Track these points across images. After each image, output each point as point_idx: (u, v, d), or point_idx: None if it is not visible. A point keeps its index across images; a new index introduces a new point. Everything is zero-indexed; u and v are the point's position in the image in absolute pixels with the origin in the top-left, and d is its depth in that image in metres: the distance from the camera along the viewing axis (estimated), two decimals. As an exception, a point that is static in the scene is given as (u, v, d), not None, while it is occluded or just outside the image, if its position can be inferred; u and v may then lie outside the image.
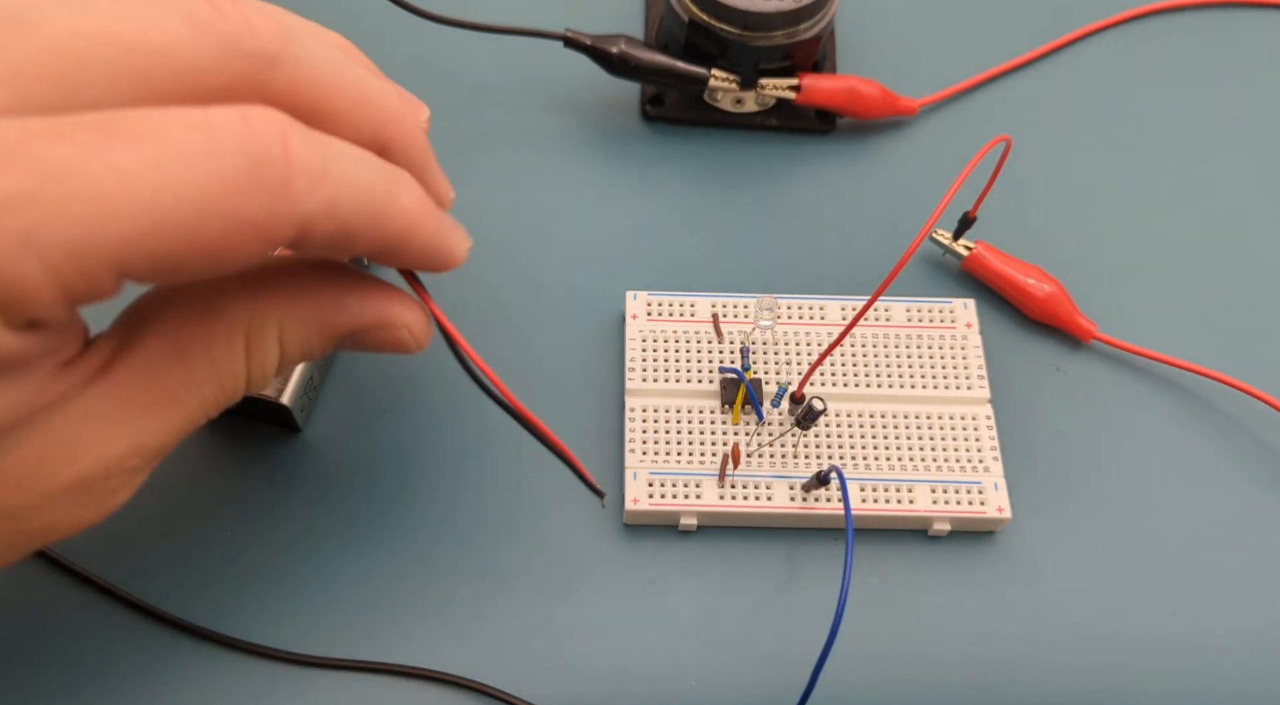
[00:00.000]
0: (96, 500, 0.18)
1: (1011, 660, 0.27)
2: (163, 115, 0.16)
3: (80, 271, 0.15)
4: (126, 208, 0.15)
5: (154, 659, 0.25)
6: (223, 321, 0.19)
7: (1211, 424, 0.30)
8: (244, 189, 0.16)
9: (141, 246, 0.15)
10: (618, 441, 0.28)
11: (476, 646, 0.26)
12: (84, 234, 0.15)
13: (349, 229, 0.18)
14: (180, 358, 0.18)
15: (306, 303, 0.20)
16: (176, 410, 0.18)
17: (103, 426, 0.18)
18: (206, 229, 0.16)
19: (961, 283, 0.32)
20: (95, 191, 0.15)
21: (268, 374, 0.20)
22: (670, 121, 0.34)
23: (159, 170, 0.15)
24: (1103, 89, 0.35)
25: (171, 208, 0.15)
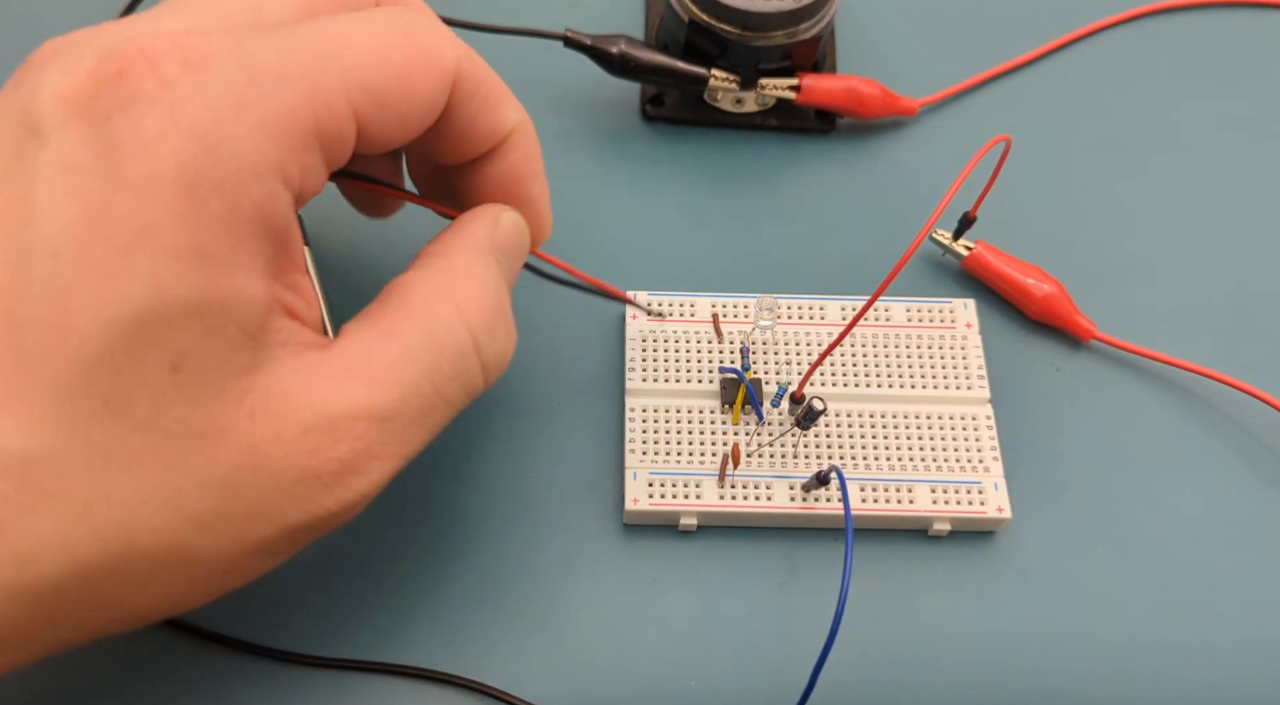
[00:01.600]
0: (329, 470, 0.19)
1: (1011, 660, 0.27)
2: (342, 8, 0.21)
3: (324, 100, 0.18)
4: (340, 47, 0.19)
5: (154, 659, 0.25)
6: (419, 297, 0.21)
7: (1211, 424, 0.30)
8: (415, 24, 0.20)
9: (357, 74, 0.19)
10: (618, 441, 0.28)
11: (476, 646, 0.26)
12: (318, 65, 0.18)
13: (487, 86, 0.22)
14: (389, 335, 0.20)
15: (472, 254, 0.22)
16: (393, 377, 0.19)
17: (324, 384, 0.19)
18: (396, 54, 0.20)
19: (961, 283, 0.32)
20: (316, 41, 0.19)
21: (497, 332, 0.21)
22: (670, 121, 0.34)
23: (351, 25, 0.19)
24: (1103, 89, 0.35)
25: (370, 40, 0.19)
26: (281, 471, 0.18)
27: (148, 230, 0.17)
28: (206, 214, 0.17)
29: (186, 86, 0.17)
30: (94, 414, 0.17)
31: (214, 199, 0.17)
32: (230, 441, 0.18)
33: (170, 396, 0.17)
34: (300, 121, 0.18)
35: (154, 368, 0.17)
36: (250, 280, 0.18)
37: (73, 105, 0.17)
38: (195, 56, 0.18)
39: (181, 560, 0.18)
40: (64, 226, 0.17)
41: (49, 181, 0.17)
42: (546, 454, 0.28)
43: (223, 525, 0.18)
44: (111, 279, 0.17)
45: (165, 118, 0.17)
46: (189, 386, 0.17)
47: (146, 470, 0.17)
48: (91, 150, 0.17)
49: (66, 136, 0.17)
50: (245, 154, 0.18)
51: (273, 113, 0.18)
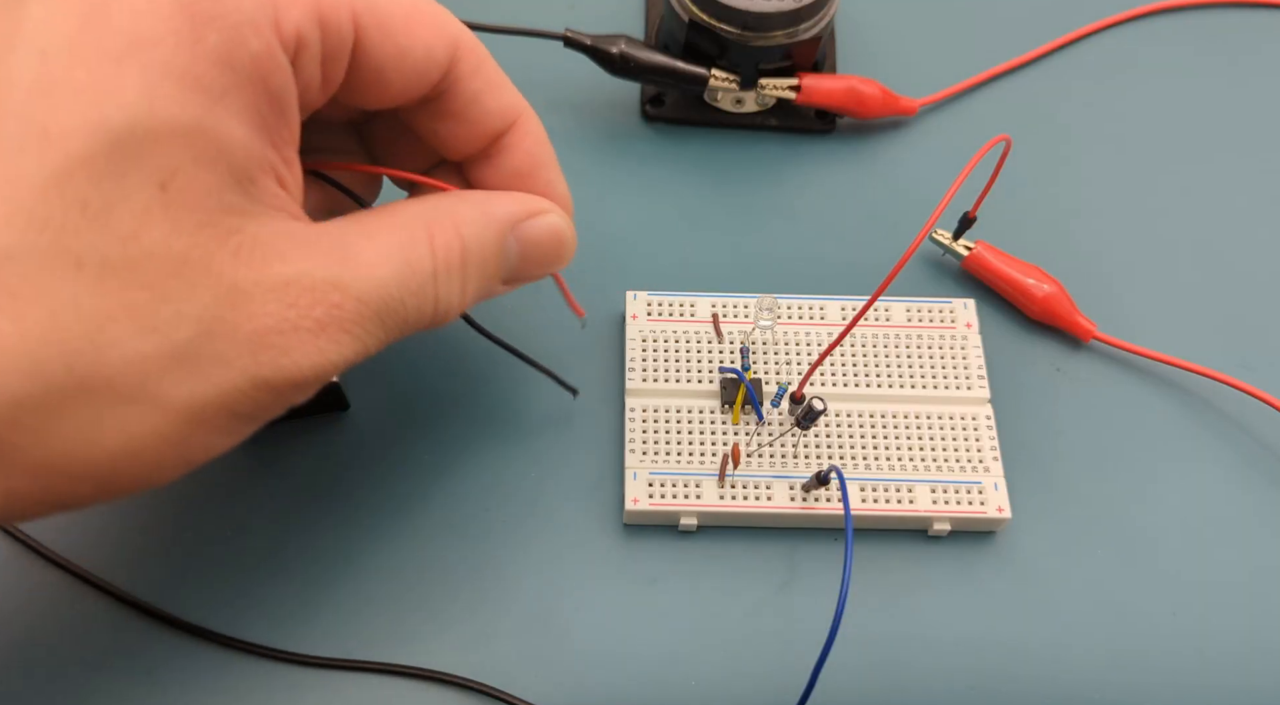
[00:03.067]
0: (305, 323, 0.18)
1: (1011, 660, 0.27)
2: None
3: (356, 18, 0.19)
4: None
5: (154, 658, 0.25)
6: (401, 215, 0.21)
7: (1211, 424, 0.30)
8: (437, 7, 0.21)
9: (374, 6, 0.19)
10: (618, 441, 0.28)
11: (476, 646, 0.26)
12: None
13: (482, 57, 0.22)
14: (369, 238, 0.20)
15: (469, 200, 0.22)
16: (368, 272, 0.19)
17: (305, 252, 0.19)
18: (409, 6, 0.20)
19: (961, 283, 0.32)
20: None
21: (454, 266, 0.21)
22: (670, 121, 0.34)
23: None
24: (1103, 89, 0.35)
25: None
26: (260, 315, 0.18)
27: (143, 43, 0.17)
28: (204, 44, 0.17)
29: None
30: (68, 216, 0.16)
31: (211, 33, 0.17)
32: (212, 275, 0.17)
33: (155, 214, 0.17)
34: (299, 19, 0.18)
35: (139, 180, 0.17)
36: (243, 128, 0.18)
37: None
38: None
39: (147, 397, 0.17)
40: (54, 28, 0.16)
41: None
42: (546, 454, 0.28)
43: (193, 364, 0.17)
44: (101, 82, 0.16)
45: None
46: (176, 207, 0.17)
47: (120, 285, 0.17)
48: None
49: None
50: (246, 4, 0.18)
51: None
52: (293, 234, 0.19)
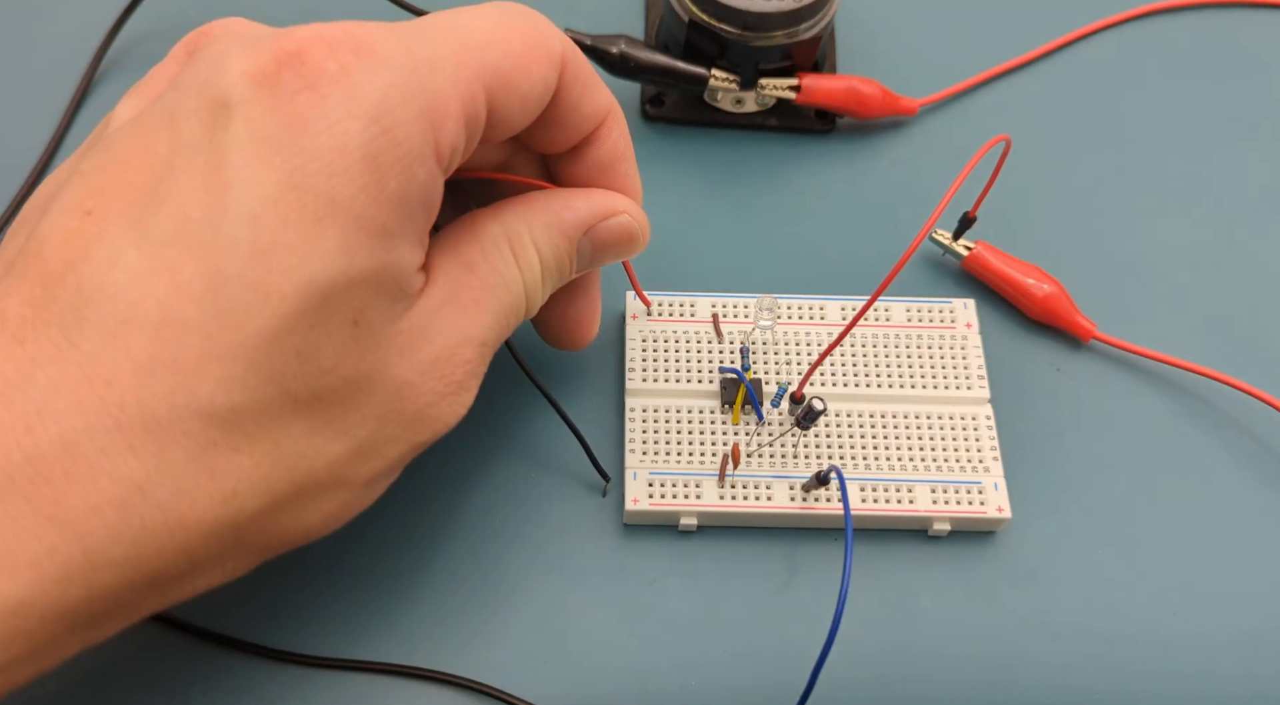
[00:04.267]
0: (447, 390, 0.22)
1: (1011, 660, 0.27)
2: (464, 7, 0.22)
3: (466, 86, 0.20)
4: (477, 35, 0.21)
5: (154, 659, 0.25)
6: (487, 236, 0.23)
7: (1211, 424, 0.30)
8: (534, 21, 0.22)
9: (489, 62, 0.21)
10: (618, 441, 0.28)
11: (476, 646, 0.26)
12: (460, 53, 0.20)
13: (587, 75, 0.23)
14: (470, 269, 0.22)
15: (542, 210, 0.24)
16: (483, 308, 0.22)
17: (441, 319, 0.21)
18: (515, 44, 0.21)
19: (961, 283, 0.32)
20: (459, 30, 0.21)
21: (536, 278, 0.23)
22: (670, 121, 0.34)
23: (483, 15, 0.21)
24: (1103, 89, 0.35)
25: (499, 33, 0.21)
26: (421, 396, 0.21)
27: (339, 203, 0.19)
28: (386, 192, 0.19)
29: (361, 72, 0.19)
30: (287, 365, 0.19)
31: (392, 178, 0.19)
32: (387, 378, 0.20)
33: (349, 347, 0.20)
34: (452, 106, 0.20)
35: (339, 323, 0.19)
36: (411, 250, 0.20)
37: (259, 82, 0.19)
38: (364, 44, 0.19)
39: (343, 483, 0.21)
40: (261, 193, 0.18)
41: (243, 152, 0.18)
42: (547, 454, 0.28)
43: (375, 449, 0.21)
44: (308, 244, 0.18)
45: (347, 99, 0.19)
46: (364, 337, 0.20)
47: (324, 410, 0.20)
48: (281, 124, 0.18)
49: (255, 110, 0.18)
50: (413, 137, 0.19)
51: (431, 98, 0.20)
52: (431, 308, 0.21)
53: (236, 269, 0.18)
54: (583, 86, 0.23)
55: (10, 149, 0.32)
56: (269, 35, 0.20)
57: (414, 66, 0.19)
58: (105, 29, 0.33)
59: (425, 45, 0.20)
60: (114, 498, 0.18)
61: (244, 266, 0.18)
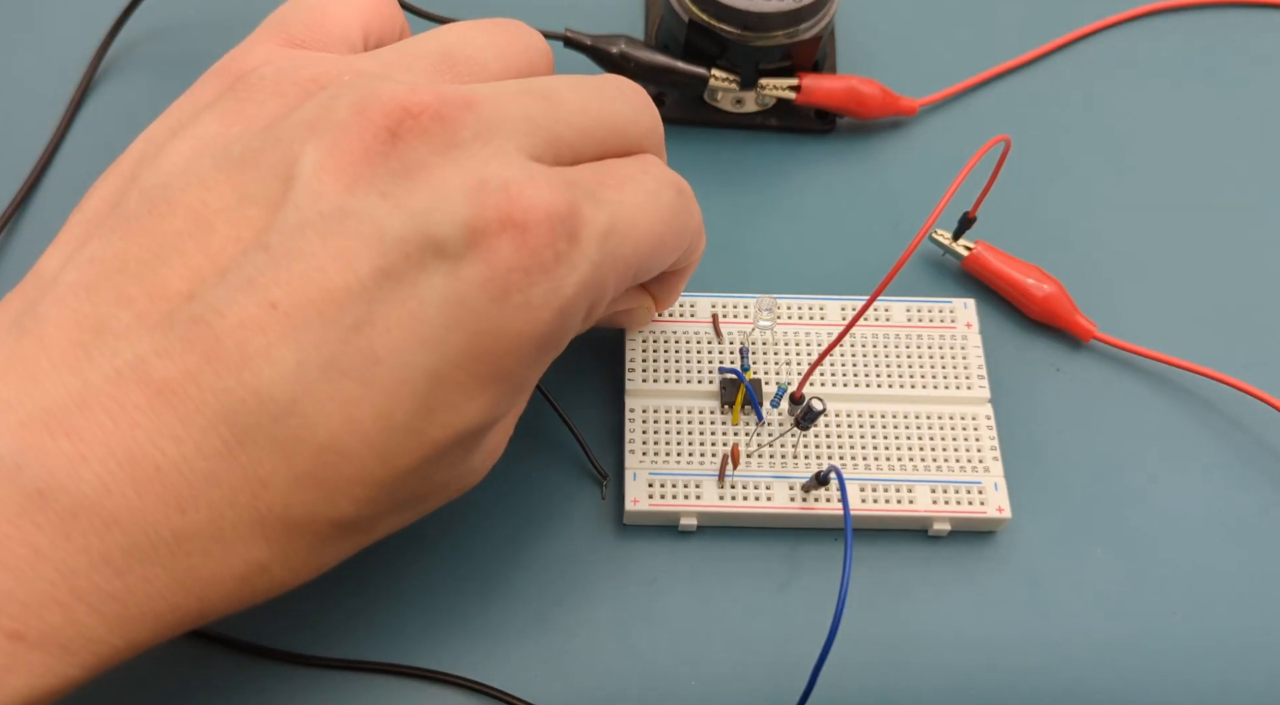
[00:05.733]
0: (492, 459, 0.23)
1: (1011, 660, 0.27)
2: (625, 163, 0.22)
3: (623, 281, 0.22)
4: (647, 233, 0.22)
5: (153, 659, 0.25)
6: None
7: (1211, 424, 0.30)
8: (683, 210, 0.23)
9: (646, 260, 0.22)
10: (618, 442, 0.28)
11: (476, 646, 0.26)
12: (633, 254, 0.21)
13: (697, 243, 0.25)
14: None
15: None
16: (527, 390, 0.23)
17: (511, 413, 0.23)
18: (669, 241, 0.23)
19: (961, 283, 0.32)
20: (637, 224, 0.21)
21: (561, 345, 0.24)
22: (670, 121, 0.34)
23: (654, 204, 0.22)
24: (1103, 89, 0.35)
25: (662, 229, 0.22)
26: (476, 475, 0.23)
27: (504, 375, 0.20)
28: (540, 364, 0.21)
29: (567, 264, 0.20)
30: (415, 487, 0.21)
31: (548, 355, 0.21)
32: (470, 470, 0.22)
33: (461, 463, 0.21)
34: (609, 297, 0.21)
35: (462, 453, 0.21)
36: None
37: (479, 244, 0.19)
38: (576, 231, 0.20)
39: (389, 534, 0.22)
40: (448, 356, 0.19)
41: (445, 310, 0.19)
42: (547, 454, 0.28)
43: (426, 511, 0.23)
44: (468, 404, 0.20)
45: (551, 294, 0.19)
46: (473, 453, 0.22)
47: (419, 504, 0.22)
48: (487, 294, 0.19)
49: (469, 272, 0.19)
50: (578, 320, 0.21)
51: (599, 293, 0.21)
52: None
53: (405, 420, 0.19)
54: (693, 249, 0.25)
55: (10, 149, 0.32)
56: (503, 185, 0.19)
57: (602, 263, 0.20)
58: (105, 29, 0.33)
59: (615, 241, 0.21)
60: (239, 573, 0.19)
61: (412, 419, 0.19)
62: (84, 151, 0.32)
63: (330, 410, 0.19)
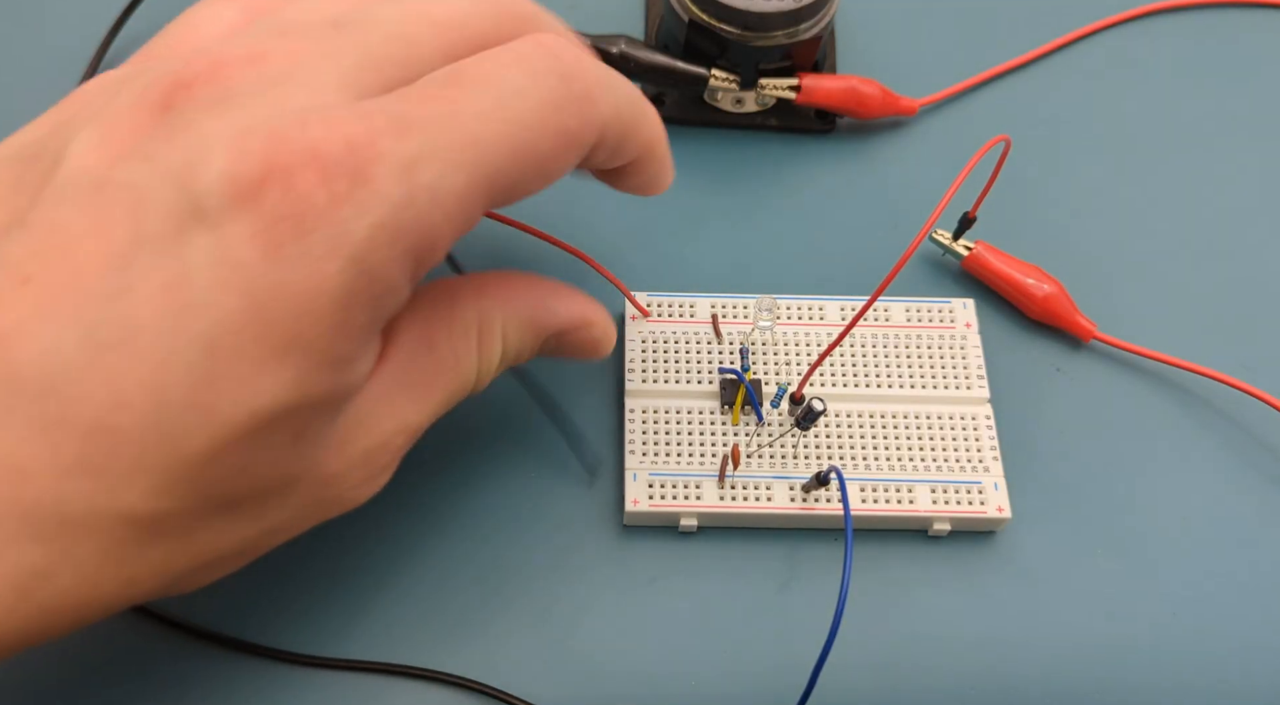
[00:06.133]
0: (371, 476, 0.21)
1: (1011, 660, 0.27)
2: (481, 59, 0.19)
3: (464, 214, 0.19)
4: (491, 144, 0.19)
5: (153, 659, 0.25)
6: (460, 319, 0.22)
7: (1211, 424, 0.30)
8: (564, 105, 0.20)
9: (501, 176, 0.19)
10: (618, 442, 0.28)
11: (476, 646, 0.26)
12: (468, 177, 0.18)
13: (626, 131, 0.21)
14: (430, 349, 0.21)
15: (522, 305, 0.23)
16: (430, 394, 0.21)
17: (383, 406, 0.21)
18: (542, 146, 0.19)
19: (961, 283, 0.32)
20: (469, 136, 0.18)
21: (492, 367, 0.23)
22: (670, 121, 0.34)
23: (503, 105, 0.19)
24: (1103, 89, 0.35)
25: (520, 135, 0.19)
26: (344, 484, 0.21)
27: (301, 339, 0.18)
28: (353, 326, 0.18)
29: (351, 207, 0.17)
30: (221, 479, 0.18)
31: (362, 313, 0.18)
32: (316, 474, 0.20)
33: (286, 456, 0.19)
34: (444, 237, 0.19)
35: (281, 440, 0.19)
36: (365, 362, 0.20)
37: (241, 197, 0.17)
38: (363, 168, 0.18)
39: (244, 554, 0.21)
40: (222, 321, 0.17)
41: (209, 272, 0.17)
42: (547, 454, 0.28)
43: (284, 528, 0.21)
44: (261, 376, 0.18)
45: (332, 238, 0.17)
46: (303, 446, 0.19)
47: (248, 507, 0.19)
48: (257, 250, 0.17)
49: (233, 229, 0.17)
50: (393, 275, 0.18)
51: (422, 234, 0.18)
52: (376, 395, 0.20)
53: (183, 394, 0.17)
54: (615, 146, 0.22)
55: (10, 149, 0.32)
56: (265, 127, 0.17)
57: (411, 199, 0.18)
58: (105, 29, 0.33)
59: (432, 167, 0.18)
60: (13, 582, 0.17)
61: (191, 393, 0.17)
62: (84, 151, 0.32)
63: (94, 387, 0.17)
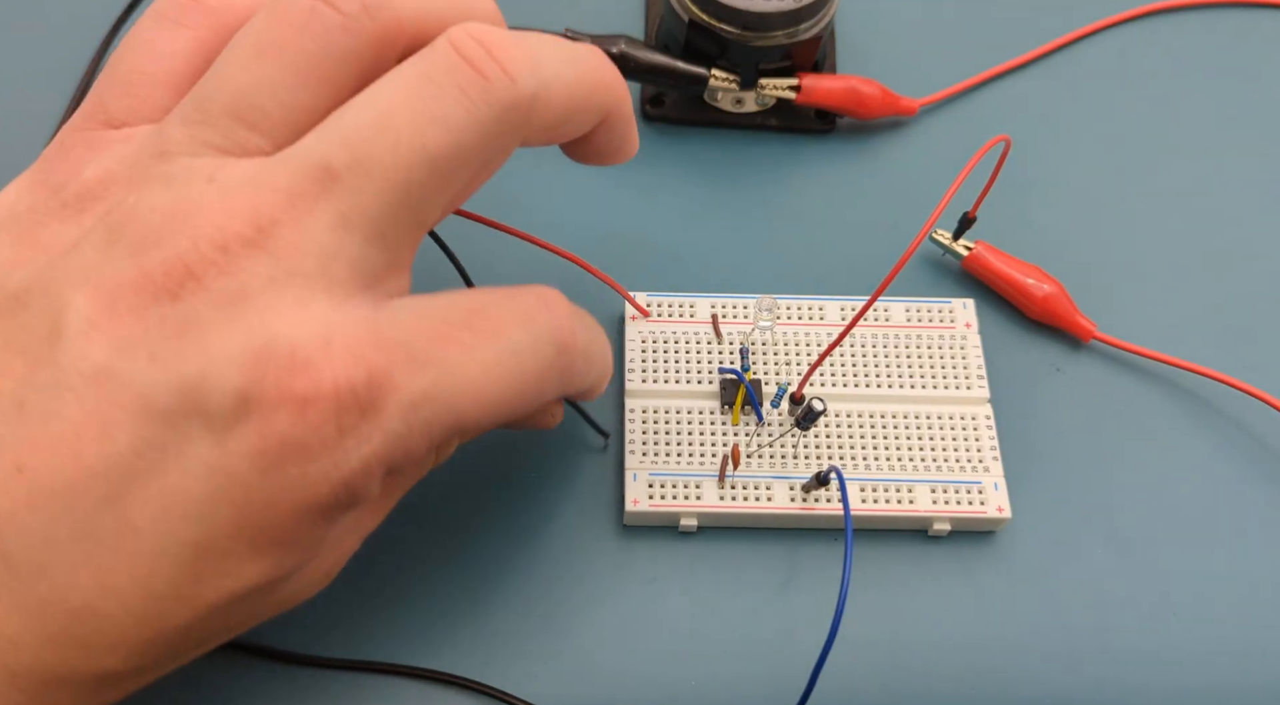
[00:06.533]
0: (327, 577, 0.22)
1: (1011, 660, 0.27)
2: (499, 312, 0.20)
3: (444, 444, 0.21)
4: (488, 399, 0.19)
5: (154, 659, 0.25)
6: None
7: (1211, 424, 0.30)
8: (549, 375, 0.21)
9: (484, 422, 0.20)
10: (618, 442, 0.28)
11: (477, 646, 0.26)
12: (460, 420, 0.19)
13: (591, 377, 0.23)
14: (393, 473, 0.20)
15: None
16: (388, 504, 0.22)
17: (349, 536, 0.21)
18: (519, 404, 0.20)
19: (961, 283, 0.32)
20: (473, 387, 0.19)
21: (447, 454, 0.23)
22: (670, 121, 0.34)
23: (504, 367, 0.19)
24: (1103, 89, 0.35)
25: (511, 396, 0.20)
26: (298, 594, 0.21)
27: (284, 542, 0.18)
28: (330, 527, 0.19)
29: (355, 438, 0.18)
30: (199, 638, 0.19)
31: (341, 517, 0.19)
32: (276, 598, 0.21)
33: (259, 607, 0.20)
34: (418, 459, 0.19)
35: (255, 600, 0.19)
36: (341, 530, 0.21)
37: (250, 414, 0.17)
38: (376, 401, 0.18)
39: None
40: (214, 529, 0.18)
41: (209, 482, 0.17)
42: (546, 455, 0.28)
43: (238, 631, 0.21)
44: (243, 567, 0.18)
45: (330, 466, 0.18)
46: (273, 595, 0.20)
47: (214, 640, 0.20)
48: (256, 471, 0.17)
49: (236, 444, 0.17)
50: (373, 489, 0.19)
51: (404, 459, 0.19)
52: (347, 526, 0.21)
53: (169, 587, 0.18)
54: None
55: (11, 149, 0.32)
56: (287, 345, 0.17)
57: (408, 433, 0.18)
58: (105, 29, 0.33)
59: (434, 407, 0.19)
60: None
61: (178, 586, 0.18)
62: (84, 152, 0.32)
63: (83, 577, 0.17)
